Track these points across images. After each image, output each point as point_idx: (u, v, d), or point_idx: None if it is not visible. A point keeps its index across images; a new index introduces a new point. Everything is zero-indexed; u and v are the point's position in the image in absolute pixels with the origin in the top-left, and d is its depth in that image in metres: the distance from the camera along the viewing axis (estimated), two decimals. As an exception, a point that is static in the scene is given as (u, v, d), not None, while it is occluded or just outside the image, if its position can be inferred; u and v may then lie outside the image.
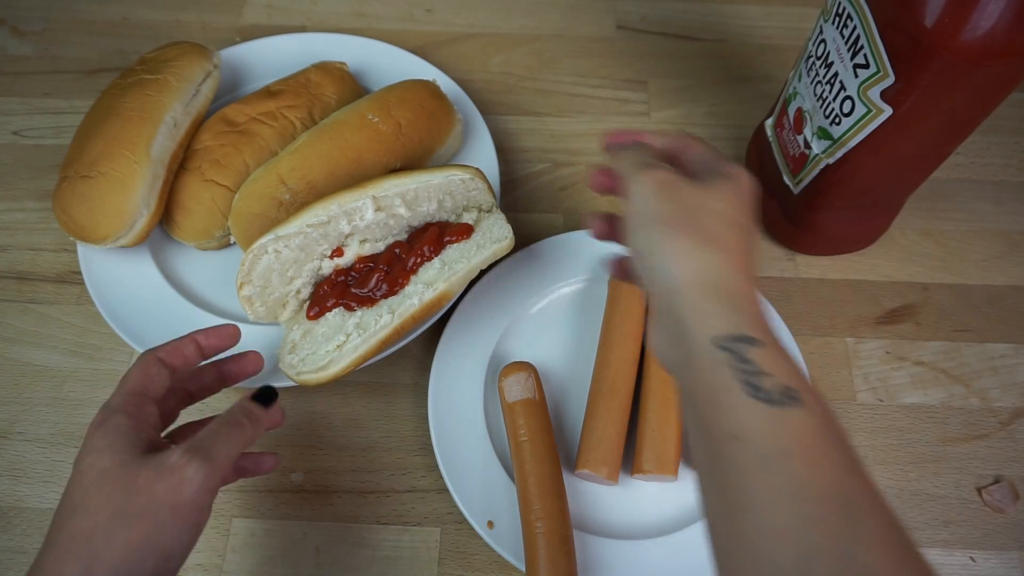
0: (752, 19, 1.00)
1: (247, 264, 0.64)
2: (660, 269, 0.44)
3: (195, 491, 0.46)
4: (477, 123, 0.86)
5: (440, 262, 0.64)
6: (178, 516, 0.46)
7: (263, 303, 0.66)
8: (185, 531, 0.47)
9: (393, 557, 0.67)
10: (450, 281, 0.63)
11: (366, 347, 0.62)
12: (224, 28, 0.98)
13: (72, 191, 0.71)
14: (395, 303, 0.63)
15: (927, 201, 0.85)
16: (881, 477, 0.71)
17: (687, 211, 0.45)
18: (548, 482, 0.62)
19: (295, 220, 0.63)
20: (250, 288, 0.65)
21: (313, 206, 0.64)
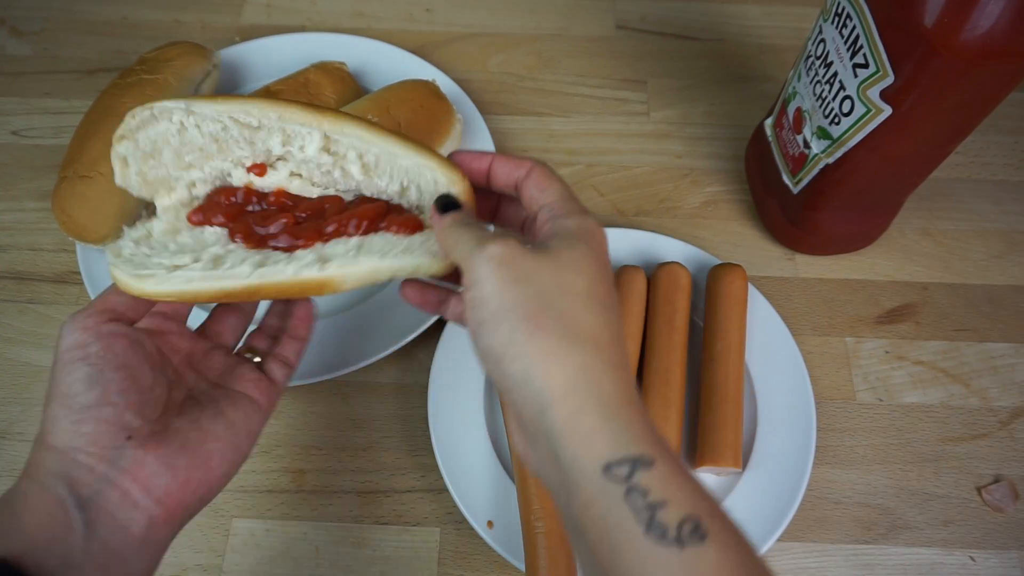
0: (751, 19, 1.00)
1: (136, 117, 0.49)
2: (521, 377, 0.37)
3: (63, 334, 0.44)
4: (477, 123, 0.86)
5: (357, 245, 0.48)
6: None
7: (140, 172, 0.50)
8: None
9: (393, 557, 0.67)
10: (346, 272, 0.46)
11: (201, 287, 0.46)
12: (223, 28, 0.98)
13: (71, 191, 0.71)
14: (268, 260, 0.47)
15: (927, 201, 0.85)
16: (880, 477, 0.71)
17: (542, 297, 0.38)
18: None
19: (219, 102, 0.49)
20: (129, 146, 0.49)
21: (248, 98, 0.49)
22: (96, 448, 0.41)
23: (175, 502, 0.43)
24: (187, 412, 0.47)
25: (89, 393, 0.42)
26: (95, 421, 0.41)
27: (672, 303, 0.72)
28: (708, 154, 0.89)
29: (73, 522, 0.40)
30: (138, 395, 0.43)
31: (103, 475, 0.41)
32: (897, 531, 0.68)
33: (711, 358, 0.70)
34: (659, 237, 0.79)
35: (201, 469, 0.44)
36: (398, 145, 0.48)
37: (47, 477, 0.41)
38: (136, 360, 0.44)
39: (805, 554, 0.68)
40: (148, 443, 0.42)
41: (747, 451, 0.69)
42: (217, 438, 0.46)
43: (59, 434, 0.41)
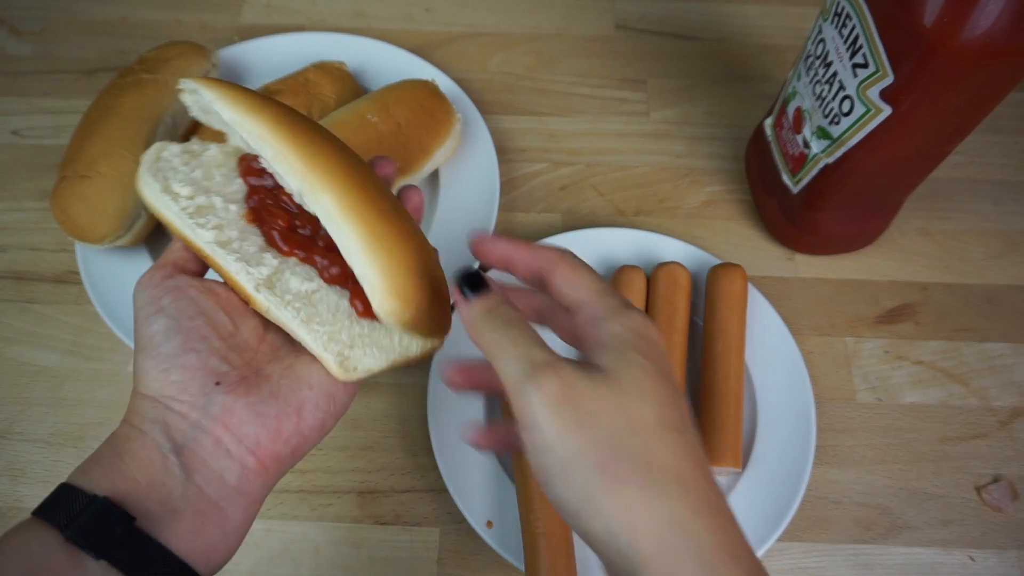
0: (751, 18, 1.00)
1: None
2: (605, 535, 0.34)
3: (135, 296, 0.44)
4: (476, 123, 0.86)
5: (308, 292, 0.45)
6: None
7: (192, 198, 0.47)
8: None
9: (392, 557, 0.67)
10: (270, 310, 0.44)
11: (172, 221, 0.45)
12: (223, 28, 0.98)
13: (71, 191, 0.71)
14: (236, 241, 0.45)
15: (926, 201, 0.85)
16: (880, 476, 0.71)
17: (613, 439, 0.34)
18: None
19: (263, 119, 0.44)
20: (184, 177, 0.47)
21: (287, 121, 0.45)
22: (187, 396, 0.41)
23: (267, 453, 0.42)
24: (281, 357, 0.45)
25: (171, 342, 0.42)
26: (181, 369, 0.41)
27: (672, 303, 0.72)
28: (708, 154, 0.89)
29: (171, 467, 0.40)
30: (221, 340, 0.43)
31: (196, 422, 0.41)
32: (897, 531, 0.68)
33: (711, 358, 0.70)
34: (659, 237, 0.79)
35: (292, 419, 0.43)
36: (353, 242, 0.42)
37: (144, 422, 0.41)
38: (211, 308, 0.43)
39: (805, 554, 0.68)
40: (238, 388, 0.42)
41: (747, 451, 0.69)
42: (311, 386, 0.44)
43: (150, 383, 0.42)
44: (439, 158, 0.81)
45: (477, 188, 0.82)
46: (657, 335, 0.39)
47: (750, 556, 0.35)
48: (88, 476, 0.40)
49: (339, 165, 0.44)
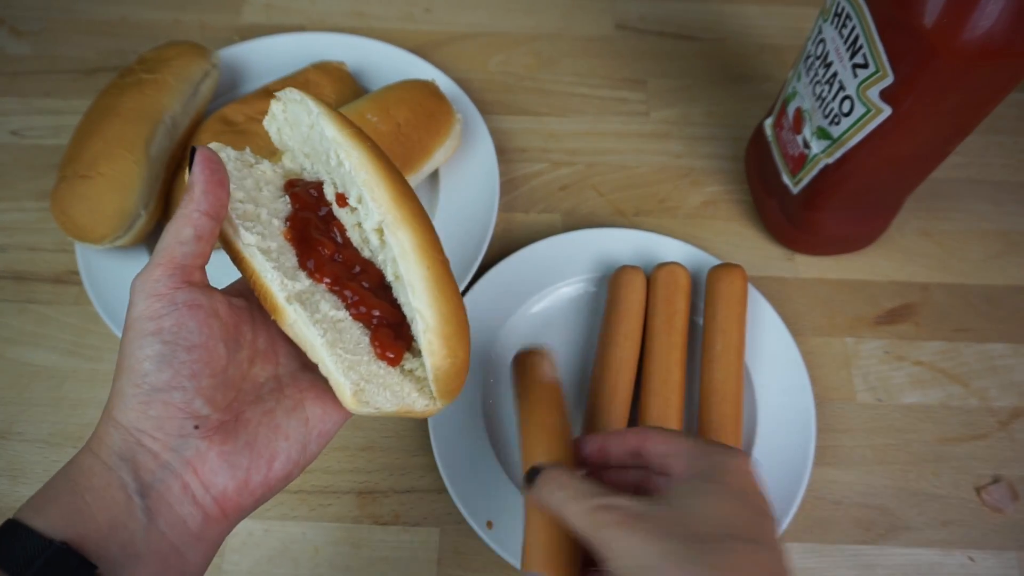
0: (751, 18, 1.00)
1: (295, 93, 0.48)
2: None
3: (133, 298, 0.41)
4: (476, 123, 0.86)
5: (336, 321, 0.45)
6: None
7: (280, 130, 0.50)
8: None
9: (392, 558, 0.67)
10: (296, 326, 0.44)
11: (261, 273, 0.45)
12: (223, 28, 0.98)
13: (71, 191, 0.71)
14: (275, 253, 0.46)
15: (926, 201, 0.85)
16: (880, 477, 0.71)
17: (671, 552, 0.38)
18: (558, 439, 0.52)
19: (340, 126, 0.46)
20: (281, 108, 0.49)
21: (357, 137, 0.46)
22: (161, 434, 0.39)
23: (231, 503, 0.41)
24: (263, 399, 0.44)
25: (160, 374, 0.39)
26: (163, 405, 0.39)
27: (671, 303, 0.72)
28: (708, 154, 0.89)
29: (135, 509, 0.38)
30: (210, 379, 0.41)
31: (166, 463, 0.39)
32: (896, 531, 0.68)
33: (711, 358, 0.70)
34: (658, 237, 0.79)
35: (262, 471, 0.42)
36: (421, 281, 0.44)
37: (111, 456, 0.39)
38: (211, 338, 0.41)
39: (805, 554, 0.68)
40: (214, 435, 0.40)
41: (747, 451, 0.69)
42: (287, 436, 0.43)
43: (126, 411, 0.39)
44: (439, 158, 0.81)
45: (477, 188, 0.82)
46: (748, 466, 0.40)
47: None
48: (44, 516, 0.37)
49: (418, 209, 0.46)
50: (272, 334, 0.47)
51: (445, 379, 0.45)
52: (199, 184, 0.42)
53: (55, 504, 0.38)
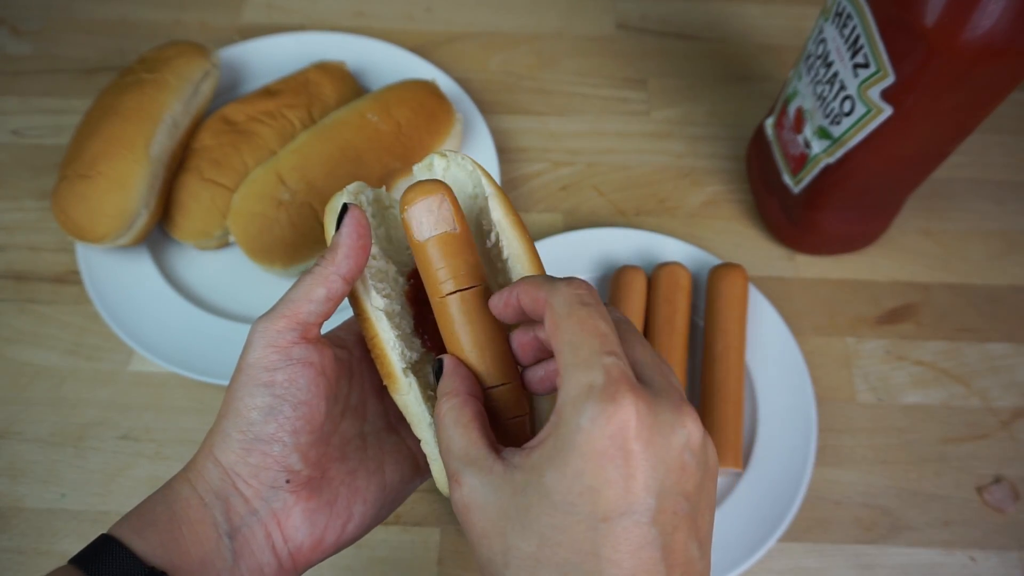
0: (752, 18, 1.00)
1: (448, 155, 0.46)
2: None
3: (251, 341, 0.42)
4: (477, 123, 0.86)
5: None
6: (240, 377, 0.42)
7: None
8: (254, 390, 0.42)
9: (393, 558, 0.67)
10: (407, 397, 0.43)
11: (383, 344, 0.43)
12: (223, 27, 0.98)
13: (71, 191, 0.71)
14: (397, 314, 0.44)
15: (927, 200, 0.85)
16: (881, 477, 0.70)
17: (522, 562, 0.34)
18: (491, 348, 0.42)
19: (505, 210, 0.44)
20: (443, 163, 0.46)
21: (519, 228, 0.44)
22: (256, 482, 0.41)
23: (304, 558, 0.43)
24: (349, 456, 0.45)
25: (265, 425, 0.41)
26: (262, 455, 0.41)
27: (672, 303, 0.72)
28: (709, 154, 0.89)
29: (223, 549, 0.40)
30: (308, 435, 0.42)
31: (255, 510, 0.41)
32: (898, 531, 0.68)
33: (712, 358, 0.70)
34: (659, 237, 0.79)
35: (337, 531, 0.44)
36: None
37: (208, 492, 0.41)
38: (317, 395, 0.42)
39: (805, 554, 0.67)
40: (301, 491, 0.42)
41: (748, 451, 0.69)
42: (364, 500, 0.45)
43: (227, 452, 0.41)
44: (439, 158, 0.81)
45: (477, 188, 0.81)
46: (620, 423, 0.32)
47: None
48: (144, 539, 0.39)
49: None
50: (365, 390, 0.47)
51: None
52: (344, 247, 0.41)
53: (154, 529, 0.40)
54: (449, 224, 0.42)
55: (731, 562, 0.64)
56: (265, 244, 0.73)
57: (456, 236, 0.42)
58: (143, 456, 0.71)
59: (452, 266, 0.41)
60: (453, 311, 0.42)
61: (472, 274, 0.42)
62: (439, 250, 0.41)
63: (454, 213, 0.42)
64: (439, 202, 0.42)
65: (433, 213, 0.41)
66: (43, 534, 0.67)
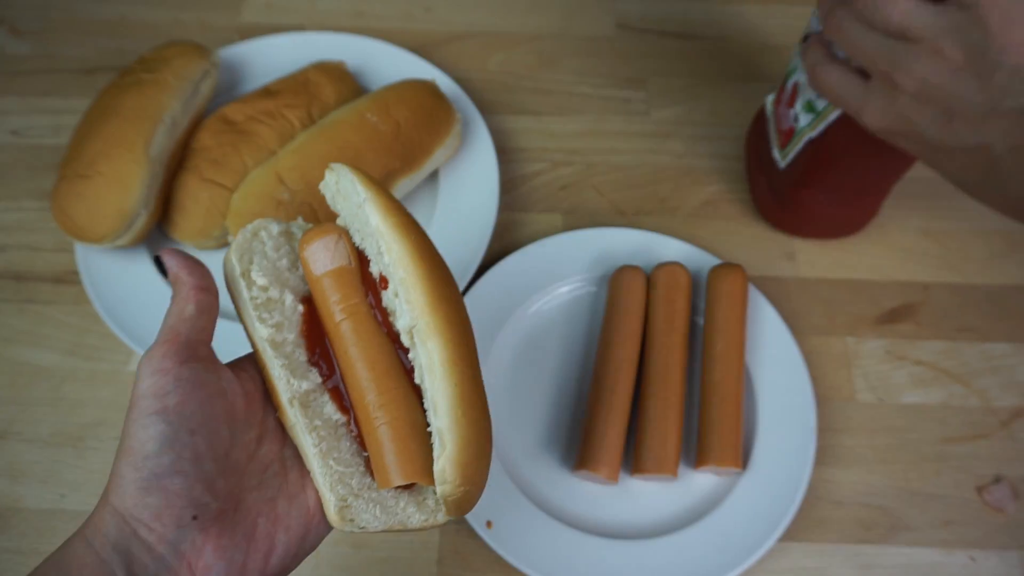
0: (752, 18, 1.00)
1: (340, 169, 0.48)
2: None
3: (139, 376, 0.41)
4: (476, 122, 0.86)
5: (335, 425, 0.46)
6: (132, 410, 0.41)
7: (334, 199, 0.49)
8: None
9: (392, 558, 0.67)
10: (295, 431, 0.44)
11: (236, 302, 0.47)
12: (223, 27, 0.98)
13: (70, 191, 0.71)
14: (286, 344, 0.46)
15: (927, 200, 0.85)
16: (881, 477, 0.70)
17: None
18: (382, 362, 0.45)
19: (386, 216, 0.45)
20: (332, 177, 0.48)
21: (404, 230, 0.45)
22: (158, 524, 0.38)
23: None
24: (267, 483, 0.43)
25: (161, 456, 0.38)
26: (162, 491, 0.38)
27: (672, 303, 0.72)
28: (709, 154, 0.89)
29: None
30: (213, 463, 0.40)
31: (160, 557, 0.38)
32: (897, 531, 0.68)
33: (711, 358, 0.70)
34: (659, 237, 0.79)
35: (258, 566, 0.41)
36: (445, 400, 0.42)
37: (104, 548, 0.38)
38: (215, 418, 0.40)
39: (805, 554, 0.67)
40: (212, 527, 0.39)
41: (747, 451, 0.69)
42: (287, 528, 0.42)
43: (124, 497, 0.38)
44: (439, 158, 0.81)
45: (477, 188, 0.81)
46: None
47: None
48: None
49: (455, 315, 0.44)
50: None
51: (457, 504, 0.43)
52: (180, 270, 0.43)
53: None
54: (344, 259, 0.46)
55: (731, 562, 0.64)
56: (265, 244, 0.73)
57: (349, 269, 0.46)
58: (143, 456, 0.71)
59: (345, 295, 0.46)
60: (346, 333, 0.45)
61: (362, 301, 0.46)
62: (333, 282, 0.46)
63: (349, 250, 0.47)
64: (335, 241, 0.47)
65: (329, 250, 0.46)
66: (43, 534, 0.67)
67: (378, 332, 0.46)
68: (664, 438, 0.66)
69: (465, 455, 0.41)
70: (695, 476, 0.69)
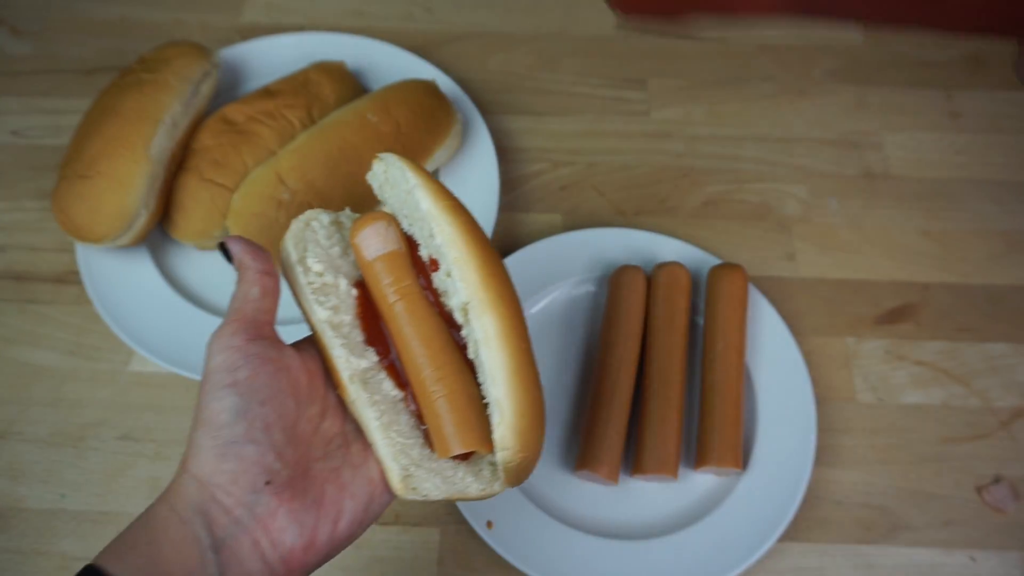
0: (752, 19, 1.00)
1: (388, 159, 0.49)
2: None
3: (210, 353, 0.43)
4: (476, 123, 0.86)
5: (394, 400, 0.47)
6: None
7: (381, 187, 0.51)
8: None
9: (393, 558, 0.67)
10: (357, 405, 0.46)
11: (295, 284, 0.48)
12: (223, 27, 0.98)
13: (71, 191, 0.71)
14: (345, 326, 0.48)
15: (927, 201, 0.85)
16: (881, 477, 0.71)
17: None
18: (437, 339, 0.47)
19: (436, 199, 0.47)
20: (381, 166, 0.50)
21: (453, 213, 0.47)
22: (235, 488, 0.41)
23: (297, 562, 0.42)
24: (332, 454, 0.45)
25: (235, 427, 0.41)
26: (237, 459, 0.41)
27: (672, 303, 0.72)
28: (708, 154, 0.89)
29: (208, 565, 0.40)
30: (282, 433, 0.42)
31: (238, 519, 0.41)
32: (898, 531, 0.68)
33: (711, 358, 0.70)
34: (659, 237, 0.79)
35: (328, 530, 0.43)
36: (502, 371, 0.44)
37: (186, 510, 0.40)
38: (282, 392, 0.43)
39: (805, 554, 0.67)
40: (284, 492, 0.42)
41: (747, 451, 0.69)
42: (352, 495, 0.45)
43: (202, 464, 0.41)
44: (439, 158, 0.81)
45: (477, 188, 0.82)
46: None
47: None
48: (124, 563, 0.38)
49: (506, 291, 0.46)
50: None
51: (515, 471, 0.45)
52: (245, 256, 0.46)
53: (134, 553, 0.39)
54: (395, 244, 0.48)
55: (732, 562, 0.64)
56: (265, 244, 0.72)
57: (400, 253, 0.48)
58: (143, 456, 0.71)
59: (397, 278, 0.48)
60: (400, 313, 0.47)
61: (414, 283, 0.48)
62: (385, 266, 0.48)
63: (398, 235, 0.49)
64: (385, 227, 0.49)
65: (380, 236, 0.48)
66: (43, 534, 0.67)
67: (431, 311, 0.48)
68: (664, 438, 0.66)
69: (523, 422, 0.44)
70: (695, 476, 0.69)
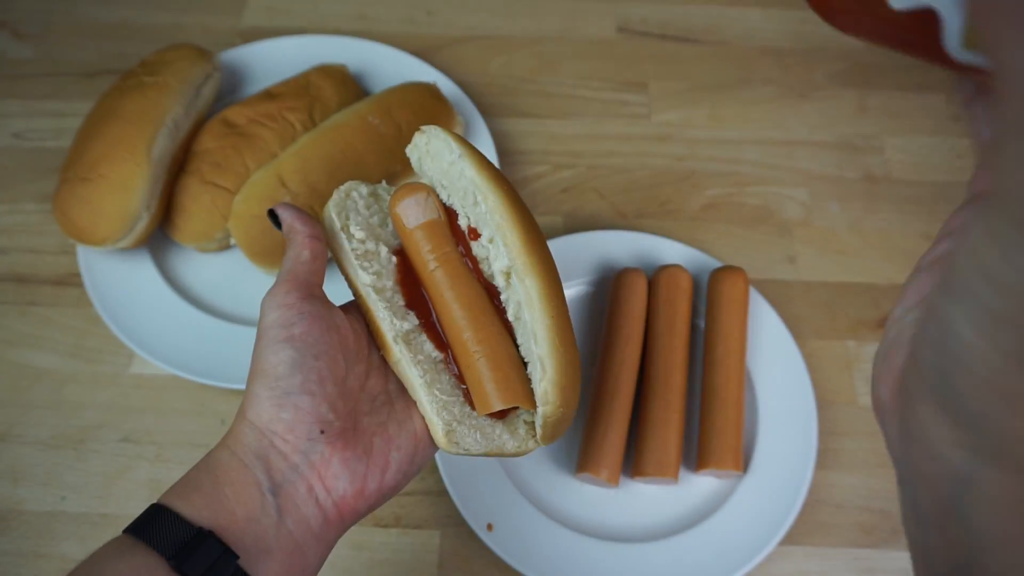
0: (753, 22, 1.00)
1: (431, 130, 0.51)
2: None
3: (265, 310, 0.45)
4: (478, 125, 0.86)
5: (435, 360, 0.49)
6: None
7: (420, 160, 0.52)
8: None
9: (393, 560, 0.67)
10: (401, 364, 0.48)
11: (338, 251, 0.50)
12: (224, 30, 0.98)
13: (72, 194, 0.71)
14: (387, 289, 0.49)
15: (928, 204, 0.85)
16: (882, 480, 0.70)
17: None
18: (477, 303, 0.49)
19: (479, 169, 0.48)
20: (423, 139, 0.52)
21: (495, 180, 0.48)
22: (292, 436, 0.43)
23: (348, 507, 0.44)
24: (377, 410, 0.48)
25: (292, 378, 0.43)
26: (294, 408, 0.43)
27: (673, 306, 0.72)
28: (709, 157, 0.89)
29: (268, 506, 0.42)
30: (334, 386, 0.44)
31: (295, 465, 0.43)
32: (899, 535, 0.68)
33: (712, 361, 0.70)
34: (660, 240, 0.79)
35: (377, 478, 0.45)
36: (544, 330, 0.46)
37: (247, 454, 0.42)
38: (332, 347, 0.45)
39: (806, 558, 0.67)
40: (337, 441, 0.44)
41: (748, 454, 0.69)
42: (399, 447, 0.47)
43: (260, 412, 0.43)
44: (440, 161, 0.81)
45: (478, 191, 0.82)
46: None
47: None
48: (189, 503, 0.40)
49: (547, 256, 0.49)
50: None
51: (553, 426, 0.47)
52: (295, 221, 0.48)
53: (199, 493, 0.41)
54: (434, 213, 0.50)
55: (732, 565, 0.64)
56: (266, 246, 0.73)
57: (439, 222, 0.50)
58: (144, 459, 0.71)
59: (437, 245, 0.49)
60: (440, 279, 0.49)
61: (453, 250, 0.50)
62: (425, 234, 0.50)
63: (437, 205, 0.50)
64: (424, 197, 0.50)
65: (420, 205, 0.50)
66: (43, 537, 0.67)
67: (470, 277, 0.50)
68: (665, 441, 0.66)
69: (564, 378, 0.46)
70: (696, 479, 0.69)
